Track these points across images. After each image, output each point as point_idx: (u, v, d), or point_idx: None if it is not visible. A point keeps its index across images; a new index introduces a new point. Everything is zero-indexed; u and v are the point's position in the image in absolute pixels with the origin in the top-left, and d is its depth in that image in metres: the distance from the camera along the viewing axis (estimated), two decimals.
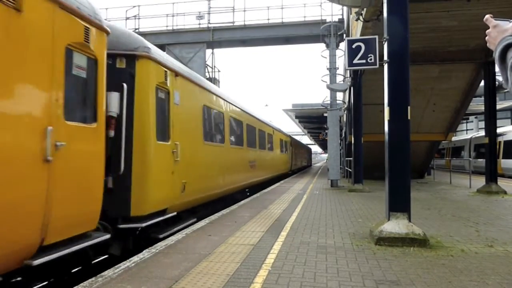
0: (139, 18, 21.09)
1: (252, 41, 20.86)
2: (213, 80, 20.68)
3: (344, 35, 17.16)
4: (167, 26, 20.84)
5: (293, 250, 5.11)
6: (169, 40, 20.60)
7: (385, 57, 5.89)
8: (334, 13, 20.77)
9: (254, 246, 5.30)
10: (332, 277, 3.95)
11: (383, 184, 6.16)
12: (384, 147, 5.88)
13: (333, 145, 16.19)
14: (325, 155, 72.41)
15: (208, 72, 20.86)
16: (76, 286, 3.75)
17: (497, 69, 2.10)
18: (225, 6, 20.73)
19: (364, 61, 8.56)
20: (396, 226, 5.43)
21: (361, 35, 10.94)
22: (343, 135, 26.06)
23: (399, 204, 5.62)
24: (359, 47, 8.50)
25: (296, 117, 32.40)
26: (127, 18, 21.01)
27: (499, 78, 14.81)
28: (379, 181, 16.50)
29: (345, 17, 18.16)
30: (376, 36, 8.24)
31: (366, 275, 4.02)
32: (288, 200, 10.91)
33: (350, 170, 17.04)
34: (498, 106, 16.23)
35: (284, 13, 26.29)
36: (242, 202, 10.67)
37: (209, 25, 20.52)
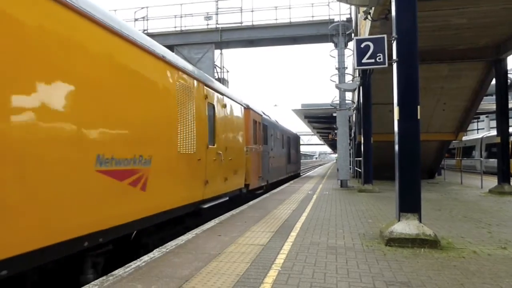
0: (147, 20, 21.22)
1: (260, 41, 20.83)
2: (222, 81, 20.70)
3: (353, 34, 17.05)
4: (175, 27, 20.91)
5: (303, 250, 5.10)
6: (178, 41, 20.67)
7: (394, 56, 5.86)
8: (342, 12, 20.71)
9: (263, 247, 5.31)
10: (342, 278, 3.94)
11: (393, 185, 6.13)
12: (393, 147, 5.85)
13: (343, 145, 16.12)
14: (335, 155, 72.12)
15: (217, 72, 20.90)
16: (88, 285, 3.80)
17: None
18: (233, 6, 20.66)
19: (373, 60, 8.50)
20: (406, 226, 5.39)
21: (369, 34, 10.89)
22: (353, 135, 25.93)
23: (409, 204, 5.58)
24: (367, 47, 8.46)
25: (305, 117, 32.29)
26: (135, 20, 21.14)
27: (511, 76, 14.63)
28: (389, 181, 16.40)
29: (353, 16, 18.07)
30: (385, 35, 8.19)
31: (377, 276, 4.00)
32: (298, 200, 10.89)
33: (360, 170, 16.95)
34: (510, 105, 16.01)
35: (291, 13, 26.30)
36: (252, 202, 10.70)
37: (217, 26, 20.55)
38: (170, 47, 20.19)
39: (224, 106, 9.41)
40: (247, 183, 11.72)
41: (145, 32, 20.47)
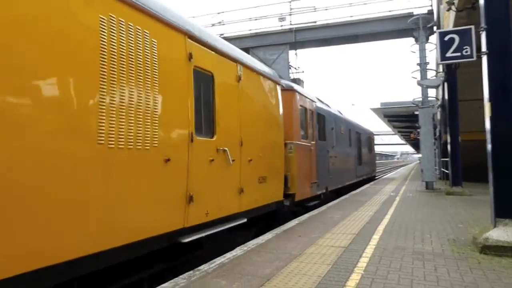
0: (223, 24, 22.02)
1: (335, 39, 20.48)
2: (297, 81, 20.75)
3: (435, 27, 16.16)
4: (250, 30, 21.43)
5: (387, 254, 4.92)
6: (253, 43, 21.15)
7: (484, 49, 5.40)
8: (423, 4, 19.53)
9: (345, 249, 5.23)
10: (431, 286, 3.73)
11: (485, 187, 5.66)
12: (485, 146, 5.39)
13: (427, 145, 15.24)
14: (418, 155, 68.29)
15: (292, 73, 20.97)
16: (176, 278, 4.06)
17: None
18: (306, 6, 20.65)
19: (458, 54, 8.00)
20: (504, 233, 4.93)
21: (454, 26, 10.18)
22: (437, 134, 24.40)
23: (507, 209, 5.08)
24: (452, 40, 7.98)
25: (385, 116, 31.04)
26: (213, 25, 22.05)
27: None
28: (481, 183, 15.12)
29: (434, 8, 17.07)
30: (472, 26, 7.62)
31: (470, 286, 3.71)
32: (379, 202, 10.52)
33: (447, 171, 15.87)
34: None
35: (367, 8, 25.37)
36: (332, 203, 10.57)
37: (291, 26, 20.64)
38: (246, 50, 20.76)
39: (237, 78, 6.25)
40: (291, 192, 8.49)
41: (222, 36, 21.28)
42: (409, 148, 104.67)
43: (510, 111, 5.14)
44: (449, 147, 14.02)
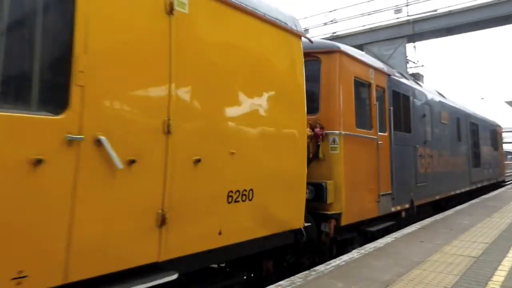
0: (335, 22, 21.66)
1: (460, 27, 18.58)
2: (416, 76, 19.39)
3: None
4: (363, 26, 20.70)
5: None
6: (367, 39, 20.40)
7: None
8: None
9: (476, 259, 4.73)
10: None
11: None
12: None
13: None
14: None
15: (411, 67, 19.64)
16: (293, 277, 4.15)
17: None
18: None
19: None
20: None
21: None
22: None
23: None
24: None
25: None
26: (325, 24, 21.87)
27: None
28: None
29: None
30: None
31: None
32: None
33: None
34: None
35: None
36: (459, 207, 9.65)
37: (409, 18, 19.34)
38: (359, 47, 20.12)
39: (167, 9, 3.13)
40: (332, 212, 5.41)
41: (334, 34, 20.91)
42: None
43: None
44: None
